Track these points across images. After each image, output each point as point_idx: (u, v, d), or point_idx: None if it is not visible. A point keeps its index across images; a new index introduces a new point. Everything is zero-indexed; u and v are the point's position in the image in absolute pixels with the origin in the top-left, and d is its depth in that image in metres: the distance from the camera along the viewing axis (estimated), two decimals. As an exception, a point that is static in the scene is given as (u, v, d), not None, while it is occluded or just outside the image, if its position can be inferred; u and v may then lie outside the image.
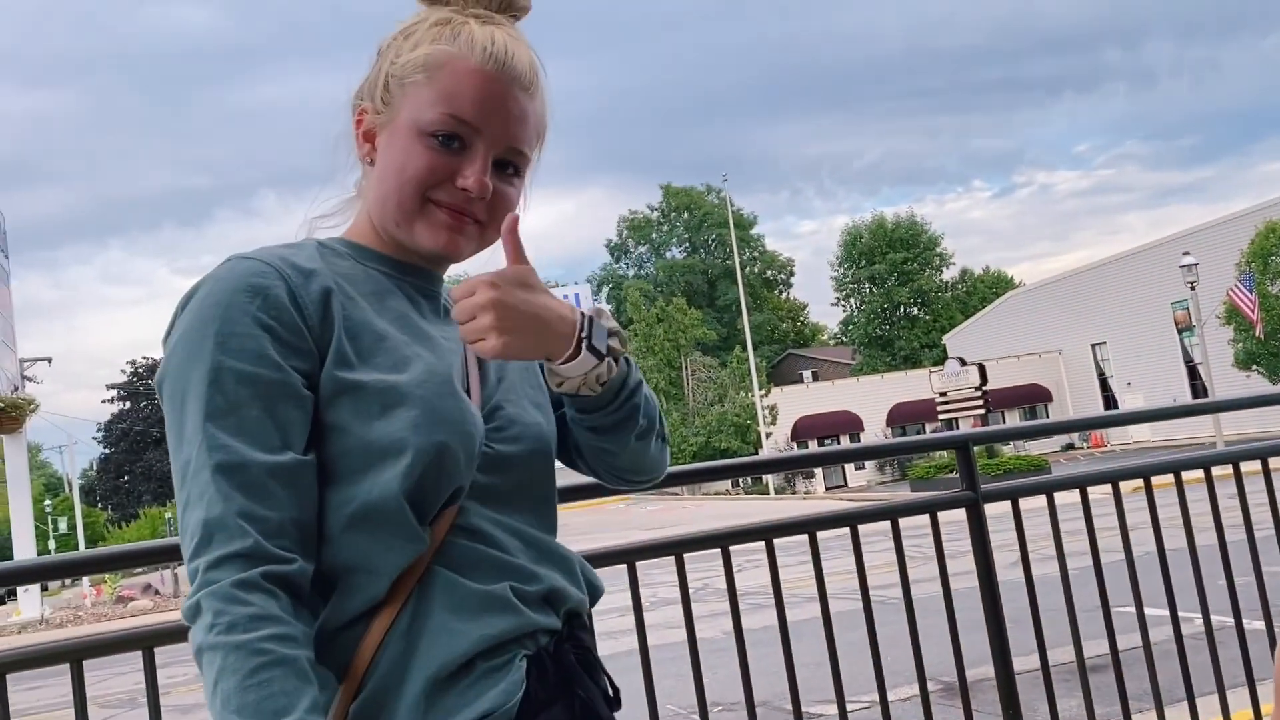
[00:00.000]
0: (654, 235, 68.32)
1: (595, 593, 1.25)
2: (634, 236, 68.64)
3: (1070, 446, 38.37)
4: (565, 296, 1.33)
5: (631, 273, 68.21)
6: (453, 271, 1.25)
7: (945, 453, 25.32)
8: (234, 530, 0.96)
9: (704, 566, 2.44)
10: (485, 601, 1.05)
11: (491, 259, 1.15)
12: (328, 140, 1.21)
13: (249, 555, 0.96)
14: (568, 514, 1.54)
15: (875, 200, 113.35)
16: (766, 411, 39.54)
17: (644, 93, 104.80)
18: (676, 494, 40.35)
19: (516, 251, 1.08)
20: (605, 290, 67.40)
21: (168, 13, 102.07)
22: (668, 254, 68.01)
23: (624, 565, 2.31)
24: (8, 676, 1.92)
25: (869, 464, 37.56)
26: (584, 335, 1.13)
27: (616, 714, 1.19)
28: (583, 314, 1.14)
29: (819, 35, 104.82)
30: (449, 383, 1.10)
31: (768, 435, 39.06)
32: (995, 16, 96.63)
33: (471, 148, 1.11)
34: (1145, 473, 2.94)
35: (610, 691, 1.20)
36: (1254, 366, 27.93)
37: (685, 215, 67.75)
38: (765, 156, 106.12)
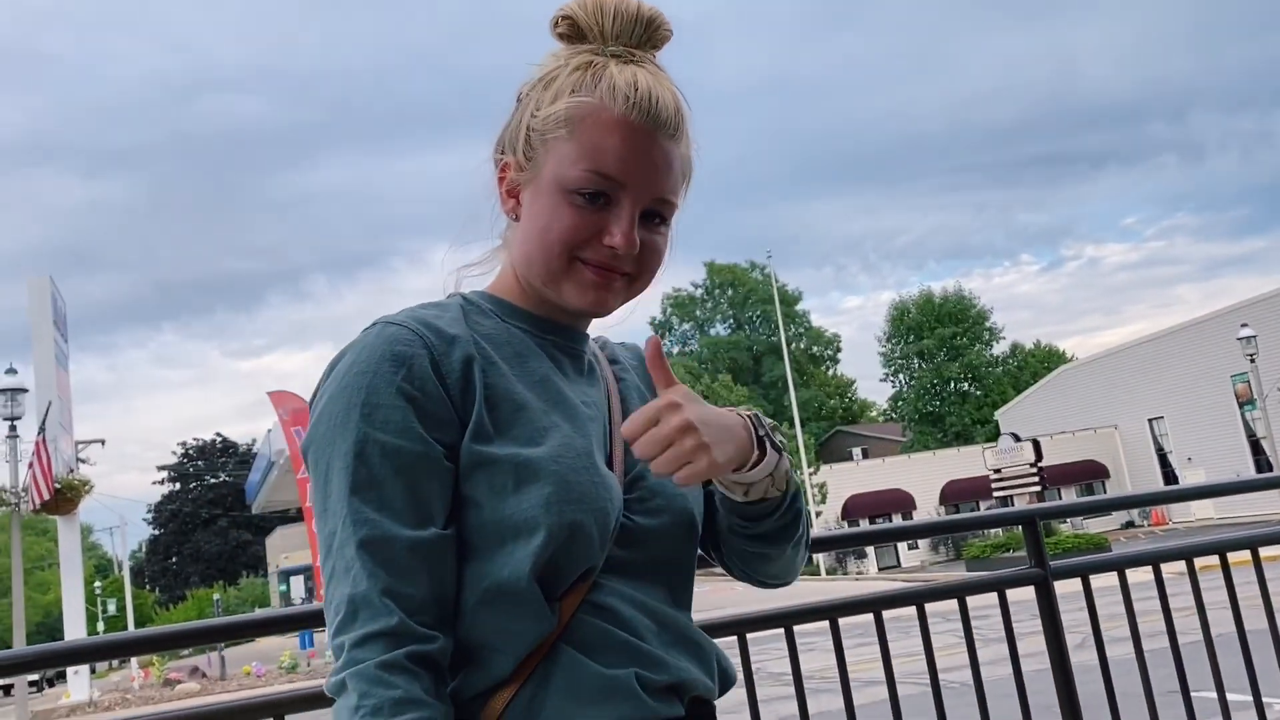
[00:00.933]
0: (698, 312, 68.57)
1: (727, 681, 1.19)
2: (678, 314, 68.92)
3: (1130, 524, 37.32)
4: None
5: (676, 350, 68.33)
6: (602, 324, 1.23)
7: (1001, 532, 24.78)
8: (379, 608, 0.96)
9: (756, 649, 2.37)
10: (607, 688, 1.03)
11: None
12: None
13: (393, 634, 0.96)
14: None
15: (921, 275, 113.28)
16: (816, 490, 39.04)
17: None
18: (724, 574, 39.70)
19: (666, 374, 1.06)
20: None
21: (221, 101, 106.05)
22: (712, 331, 68.15)
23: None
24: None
25: (922, 544, 36.78)
26: (762, 434, 1.12)
27: None
28: (747, 414, 1.13)
29: (860, 113, 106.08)
30: (586, 455, 1.08)
31: (818, 514, 38.49)
32: (1037, 91, 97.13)
33: (617, 203, 1.09)
34: (1221, 548, 2.82)
35: None
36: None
37: (729, 292, 68.02)
38: (808, 233, 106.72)
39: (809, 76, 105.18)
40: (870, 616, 2.44)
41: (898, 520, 41.74)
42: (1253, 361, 25.59)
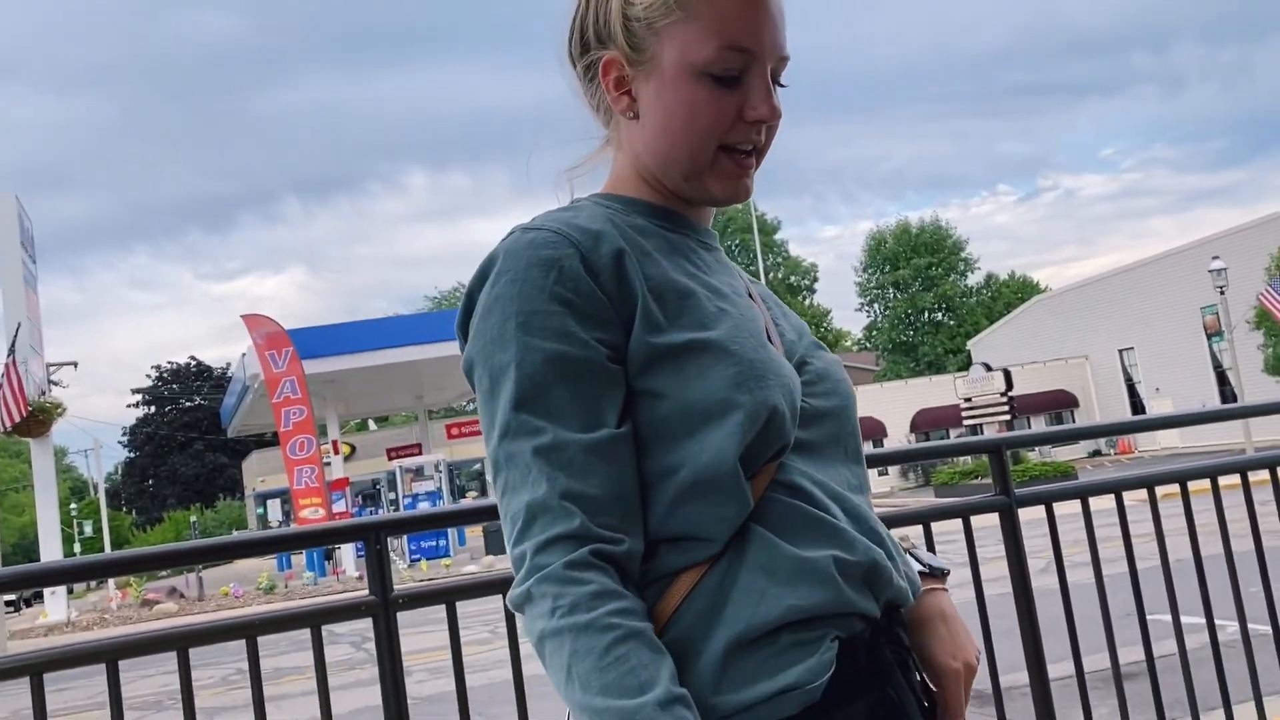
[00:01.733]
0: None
1: (915, 586, 1.14)
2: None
3: (1097, 453, 38.02)
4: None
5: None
6: None
7: (969, 459, 25.16)
8: (558, 511, 0.93)
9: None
10: (803, 569, 0.98)
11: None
12: (344, 141, 1.13)
13: (576, 536, 0.93)
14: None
15: (900, 205, 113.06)
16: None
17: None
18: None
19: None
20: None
21: (191, 19, 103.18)
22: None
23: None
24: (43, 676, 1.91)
25: (892, 470, 37.33)
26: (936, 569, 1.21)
27: None
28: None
29: (843, 41, 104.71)
30: (760, 336, 1.05)
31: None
32: (1020, 21, 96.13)
33: (751, 73, 1.05)
34: (1181, 477, 2.89)
35: (925, 703, 1.11)
36: (1285, 372, 27.57)
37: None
38: (788, 161, 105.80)
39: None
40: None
41: (869, 448, 42.22)
42: (1222, 294, 25.86)
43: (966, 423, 27.23)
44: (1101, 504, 2.74)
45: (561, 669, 0.90)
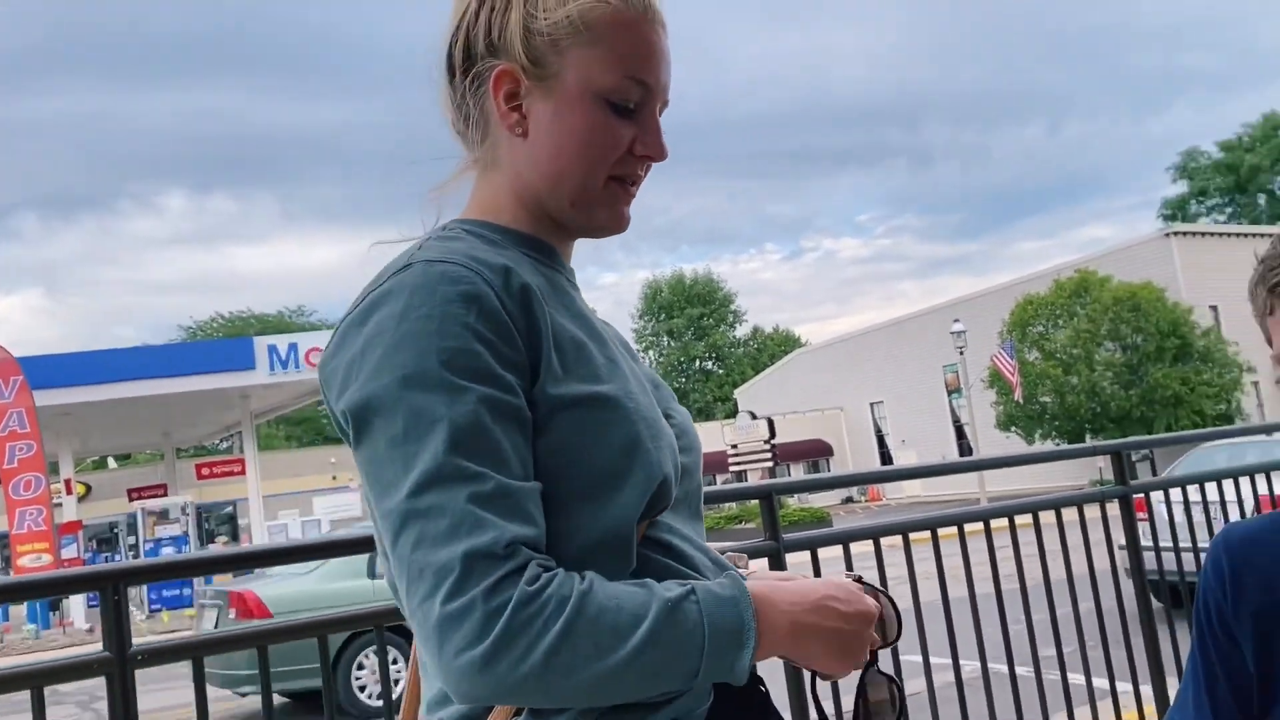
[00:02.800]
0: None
1: None
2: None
3: (850, 499, 40.33)
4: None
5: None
6: None
7: (735, 505, 26.04)
8: (504, 557, 0.84)
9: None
10: None
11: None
12: (95, 155, 1.00)
13: (523, 569, 0.85)
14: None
15: (675, 257, 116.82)
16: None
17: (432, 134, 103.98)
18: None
19: None
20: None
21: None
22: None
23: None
24: None
25: (662, 514, 38.14)
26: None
27: None
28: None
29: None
30: (645, 391, 1.01)
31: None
32: (792, 90, 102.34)
33: (645, 109, 1.03)
34: (932, 525, 3.09)
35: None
36: (1013, 428, 30.34)
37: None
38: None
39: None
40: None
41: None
42: (961, 354, 28.24)
43: (733, 468, 28.20)
44: (860, 549, 2.88)
45: (591, 660, 0.84)
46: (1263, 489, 4.11)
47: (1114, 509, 3.64)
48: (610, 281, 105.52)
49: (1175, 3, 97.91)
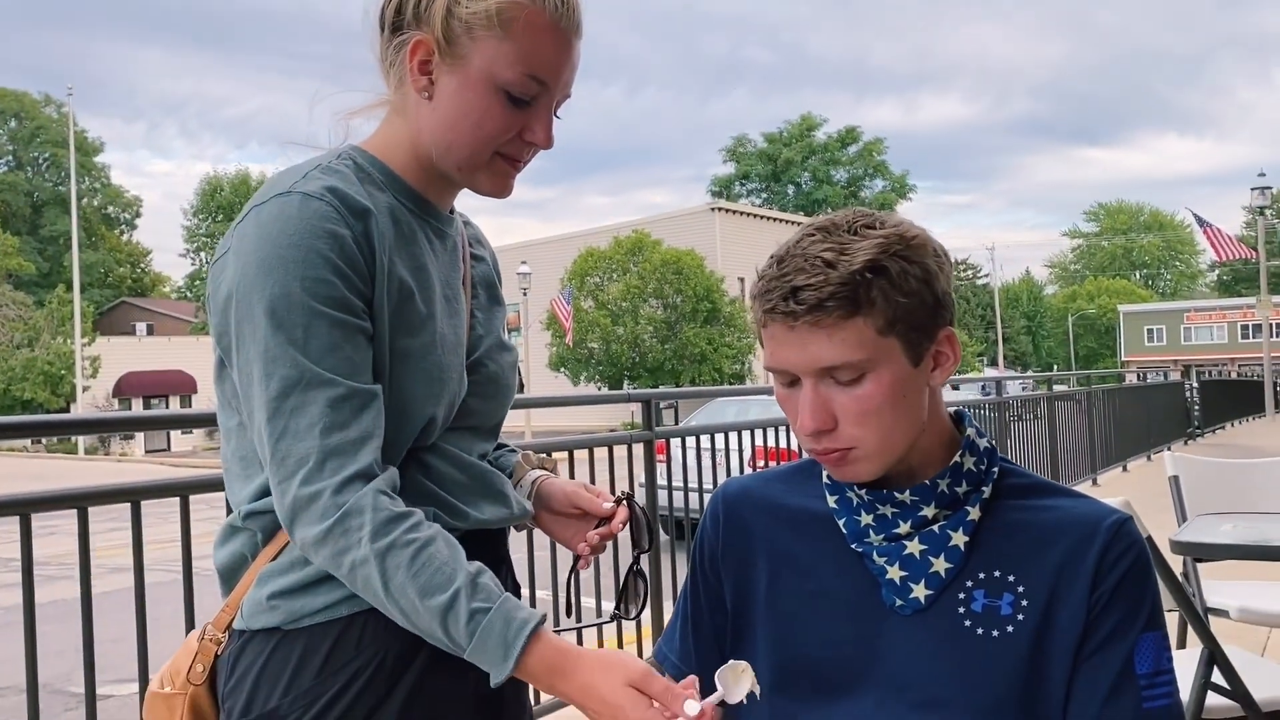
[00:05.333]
0: (-41, 139, 57.32)
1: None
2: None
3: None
4: None
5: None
6: None
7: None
8: (352, 454, 1.05)
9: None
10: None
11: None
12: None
13: (369, 475, 1.05)
14: None
15: (242, 154, 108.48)
16: (88, 363, 35.42)
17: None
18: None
19: None
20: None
21: None
22: (-19, 166, 57.54)
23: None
24: None
25: (197, 430, 35.61)
26: None
27: None
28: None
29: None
30: (454, 350, 1.19)
31: (85, 389, 35.00)
32: None
33: (539, 102, 1.16)
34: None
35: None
36: (562, 369, 32.15)
37: (13, 124, 58.02)
38: (125, 79, 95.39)
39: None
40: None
41: (175, 404, 39.86)
42: (525, 294, 29.26)
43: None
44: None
45: (379, 588, 1.03)
46: (759, 442, 4.76)
47: (640, 450, 4.01)
48: (164, 170, 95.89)
49: None
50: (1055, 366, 66.45)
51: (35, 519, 2.13)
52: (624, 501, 1.36)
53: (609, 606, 1.83)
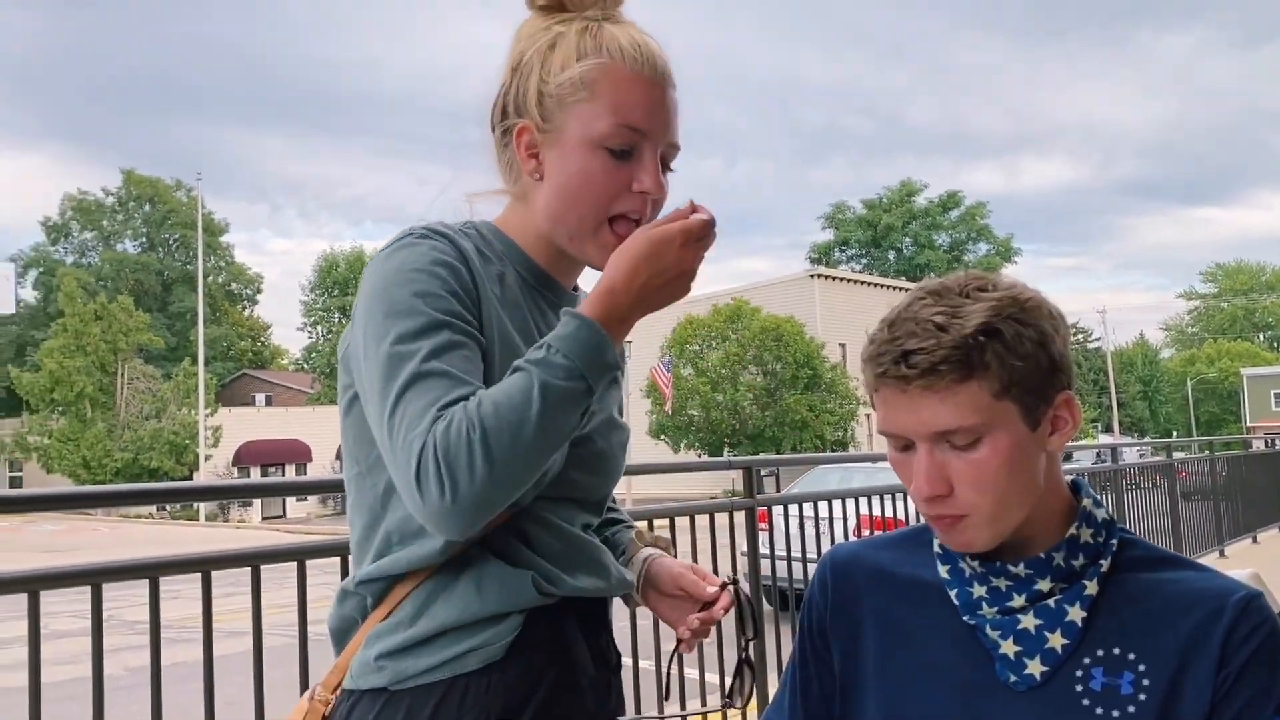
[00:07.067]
0: (106, 223, 61.03)
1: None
2: (80, 220, 60.66)
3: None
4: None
5: (70, 260, 60.14)
6: None
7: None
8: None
9: (109, 595, 2.20)
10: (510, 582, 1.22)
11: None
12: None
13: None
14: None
15: (357, 232, 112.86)
16: (210, 433, 36.91)
17: (108, 59, 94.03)
18: (90, 514, 35.87)
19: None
20: (33, 274, 58.65)
21: None
22: (120, 246, 61.11)
23: (24, 594, 2.00)
24: None
25: (312, 497, 36.63)
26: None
27: None
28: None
29: (321, 53, 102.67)
30: None
31: (207, 458, 36.42)
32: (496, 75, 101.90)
33: (641, 152, 1.19)
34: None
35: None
36: (662, 436, 32.11)
37: (147, 208, 61.61)
38: (248, 164, 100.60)
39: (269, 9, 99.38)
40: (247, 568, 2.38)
41: (291, 472, 41.06)
42: (625, 362, 29.43)
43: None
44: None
45: (517, 437, 1.03)
46: (864, 510, 4.66)
47: (741, 518, 3.98)
48: (283, 248, 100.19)
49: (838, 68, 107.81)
50: (1175, 432, 63.60)
51: (162, 583, 2.22)
52: (729, 586, 1.35)
53: (711, 678, 1.84)
